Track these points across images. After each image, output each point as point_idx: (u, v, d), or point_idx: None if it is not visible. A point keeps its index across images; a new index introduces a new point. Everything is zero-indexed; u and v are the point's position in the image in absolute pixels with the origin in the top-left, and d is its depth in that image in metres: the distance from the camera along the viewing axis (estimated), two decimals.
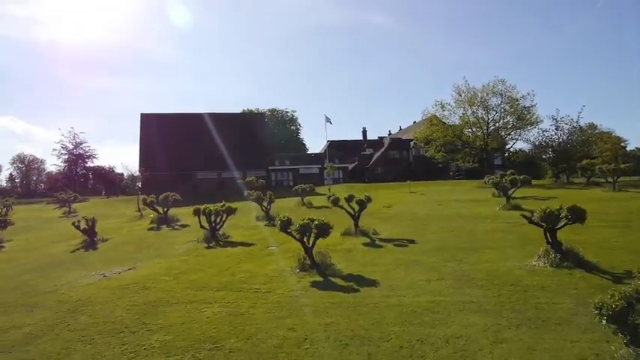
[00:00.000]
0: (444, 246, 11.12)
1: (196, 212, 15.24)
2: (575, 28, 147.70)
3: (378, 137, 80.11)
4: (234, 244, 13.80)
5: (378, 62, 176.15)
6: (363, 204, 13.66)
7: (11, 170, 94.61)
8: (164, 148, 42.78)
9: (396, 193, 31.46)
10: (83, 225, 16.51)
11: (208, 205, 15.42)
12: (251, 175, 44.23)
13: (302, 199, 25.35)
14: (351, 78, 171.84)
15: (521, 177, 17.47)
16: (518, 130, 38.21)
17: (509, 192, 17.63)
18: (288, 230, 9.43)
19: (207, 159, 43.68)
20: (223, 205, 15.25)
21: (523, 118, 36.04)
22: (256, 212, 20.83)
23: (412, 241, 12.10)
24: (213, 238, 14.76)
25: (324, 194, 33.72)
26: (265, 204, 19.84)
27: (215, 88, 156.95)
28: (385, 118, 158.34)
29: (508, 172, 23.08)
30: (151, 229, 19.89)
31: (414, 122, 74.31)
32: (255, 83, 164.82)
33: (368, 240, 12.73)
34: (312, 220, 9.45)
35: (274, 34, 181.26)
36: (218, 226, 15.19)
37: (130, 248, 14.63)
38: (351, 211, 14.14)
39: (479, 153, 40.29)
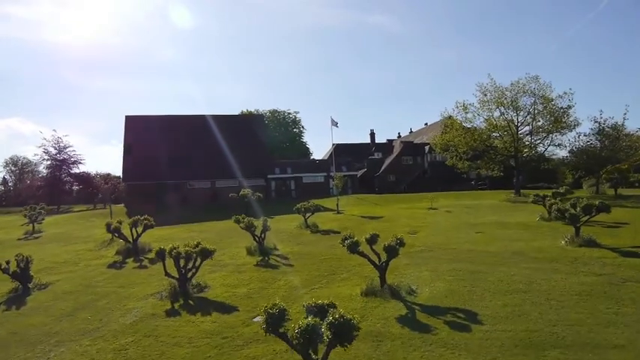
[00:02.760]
0: (529, 334, 7.13)
1: (160, 255, 11.31)
2: (581, 28, 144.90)
3: (387, 140, 76.37)
4: (207, 307, 9.87)
5: (383, 63, 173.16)
6: (393, 251, 9.65)
7: (4, 174, 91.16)
8: (150, 153, 38.98)
9: (415, 209, 27.44)
10: (13, 267, 12.64)
11: (177, 245, 11.45)
12: (249, 184, 40.40)
13: (305, 221, 21.40)
14: (355, 79, 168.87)
15: (597, 203, 13.42)
16: (551, 135, 34.12)
17: (580, 222, 13.55)
18: (281, 331, 5.47)
19: (199, 166, 39.87)
20: (197, 246, 11.29)
21: (559, 120, 31.91)
22: (247, 241, 16.82)
23: (472, 315, 8.13)
24: (183, 292, 10.88)
25: (332, 210, 29.83)
26: (258, 232, 15.87)
27: (218, 89, 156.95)
28: (392, 120, 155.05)
29: (562, 189, 19.05)
30: (113, 264, 16.04)
31: (426, 124, 70.43)
32: (257, 84, 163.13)
33: (403, 309, 8.76)
34: (325, 311, 5.48)
35: (276, 35, 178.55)
36: (190, 274, 11.25)
37: (64, 308, 10.72)
38: (376, 260, 10.12)
39: (505, 160, 36.17)
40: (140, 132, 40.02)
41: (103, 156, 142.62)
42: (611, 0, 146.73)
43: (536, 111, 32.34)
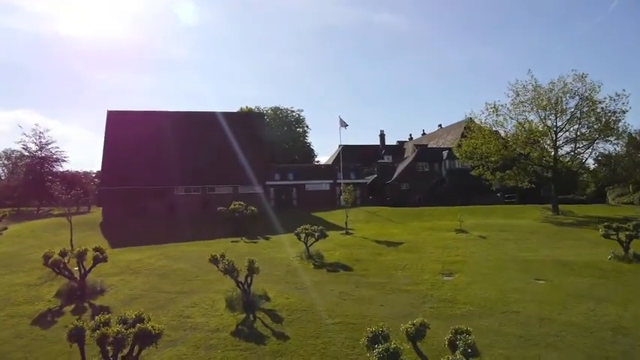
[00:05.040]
0: None
1: (75, 337, 7.33)
2: (588, 28, 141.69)
3: (397, 142, 72.37)
4: None
5: (390, 63, 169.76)
6: None
7: None
8: (134, 155, 35.09)
9: (440, 230, 23.32)
10: None
11: (108, 317, 7.48)
12: (245, 192, 36.46)
13: (307, 249, 17.35)
14: (362, 79, 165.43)
15: None
16: (595, 142, 29.93)
17: None
18: None
19: (188, 171, 35.90)
20: (135, 324, 7.29)
21: (609, 126, 27.69)
22: (229, 285, 12.76)
23: None
24: None
25: (340, 228, 25.65)
26: (243, 279, 11.81)
27: (224, 87, 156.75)
28: (400, 121, 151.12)
29: None
30: (45, 314, 12.16)
31: (440, 126, 66.22)
32: (262, 83, 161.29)
33: None
34: None
35: (282, 34, 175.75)
36: None
37: None
38: None
39: (538, 170, 31.91)
40: (123, 130, 36.09)
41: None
42: (619, 2, 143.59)
43: (581, 115, 28.14)
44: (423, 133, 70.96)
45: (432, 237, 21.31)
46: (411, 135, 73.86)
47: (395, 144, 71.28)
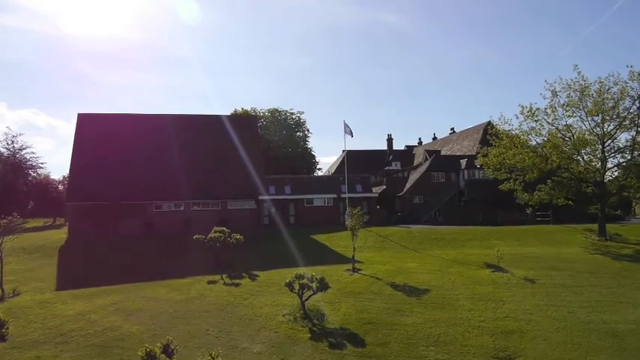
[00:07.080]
0: None
1: None
2: (593, 30, 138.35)
3: (406, 146, 68.11)
4: None
5: (394, 63, 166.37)
6: None
7: None
8: (106, 164, 30.97)
9: (470, 266, 19.02)
10: None
11: None
12: (234, 207, 32.37)
13: (303, 306, 13.11)
14: (366, 79, 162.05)
15: None
16: None
17: None
18: None
19: (169, 183, 31.74)
20: None
21: None
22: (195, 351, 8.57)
23: None
24: None
25: (344, 259, 21.26)
26: None
27: (227, 87, 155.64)
28: (404, 124, 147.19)
29: None
30: None
31: (453, 130, 61.93)
32: (263, 83, 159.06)
33: None
34: None
35: (284, 34, 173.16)
36: None
37: None
38: None
39: (578, 185, 27.43)
40: (96, 136, 32.03)
41: None
42: (624, 2, 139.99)
43: (638, 120, 23.90)
44: (434, 138, 66.65)
45: (463, 279, 17.03)
46: (420, 139, 69.54)
47: (403, 149, 67.18)
